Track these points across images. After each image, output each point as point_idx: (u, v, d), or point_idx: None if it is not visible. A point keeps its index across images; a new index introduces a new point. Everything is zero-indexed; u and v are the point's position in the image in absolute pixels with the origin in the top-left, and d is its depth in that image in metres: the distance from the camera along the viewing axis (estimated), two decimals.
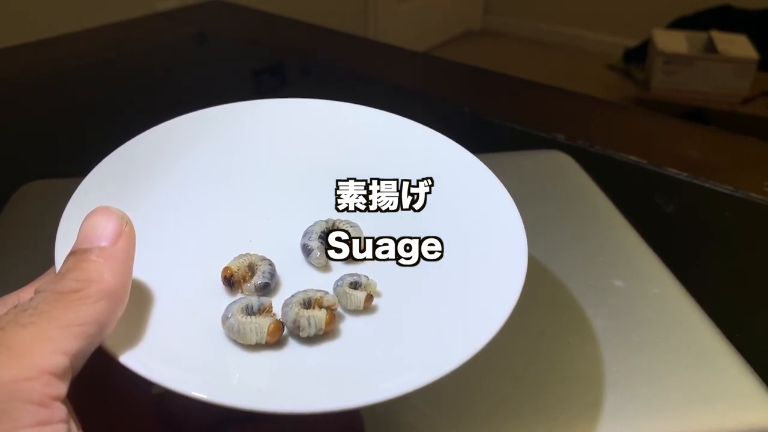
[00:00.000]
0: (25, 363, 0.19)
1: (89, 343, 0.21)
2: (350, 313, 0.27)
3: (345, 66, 0.94)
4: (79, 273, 0.22)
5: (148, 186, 0.31)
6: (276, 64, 0.92)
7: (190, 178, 0.32)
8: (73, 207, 0.27)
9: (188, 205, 0.31)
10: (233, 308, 0.25)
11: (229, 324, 0.25)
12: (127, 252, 0.23)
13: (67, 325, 0.20)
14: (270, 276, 0.27)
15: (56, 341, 0.20)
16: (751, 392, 0.36)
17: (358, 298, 0.27)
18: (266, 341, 0.25)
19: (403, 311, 0.27)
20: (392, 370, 0.24)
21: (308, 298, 0.26)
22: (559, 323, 0.39)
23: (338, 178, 0.31)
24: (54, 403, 0.19)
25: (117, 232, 0.23)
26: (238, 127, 0.34)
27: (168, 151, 0.32)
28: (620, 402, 0.35)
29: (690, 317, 0.41)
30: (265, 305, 0.26)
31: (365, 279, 0.27)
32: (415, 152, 0.34)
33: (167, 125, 0.33)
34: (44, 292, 0.21)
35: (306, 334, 0.25)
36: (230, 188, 0.32)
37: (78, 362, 0.21)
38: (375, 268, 0.29)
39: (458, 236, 0.30)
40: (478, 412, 0.34)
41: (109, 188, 0.29)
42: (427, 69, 0.99)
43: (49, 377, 0.19)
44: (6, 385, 0.19)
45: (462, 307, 0.26)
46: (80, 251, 0.23)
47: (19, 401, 0.19)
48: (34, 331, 0.20)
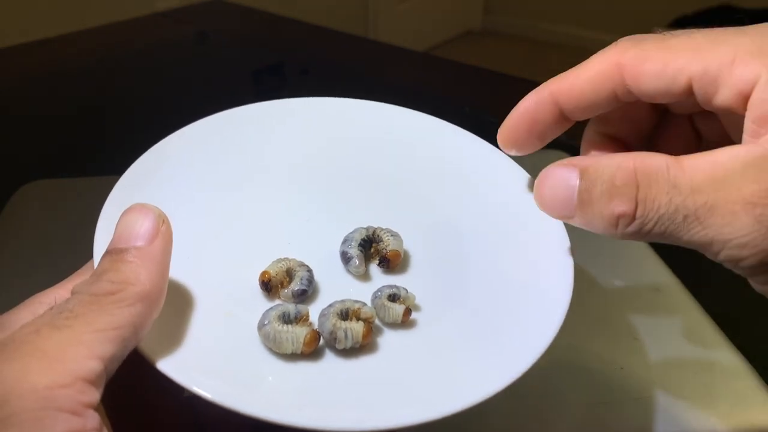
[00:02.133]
0: (59, 369, 0.19)
1: (124, 347, 0.21)
2: (388, 326, 0.26)
3: (345, 66, 0.94)
4: (114, 274, 0.21)
5: (187, 185, 0.30)
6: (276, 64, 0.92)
7: (229, 178, 0.31)
8: (112, 204, 0.27)
9: (225, 205, 0.30)
10: (270, 315, 0.24)
11: (265, 331, 0.24)
12: (164, 252, 0.23)
13: (102, 329, 0.20)
14: (308, 283, 0.27)
15: (91, 346, 0.20)
16: (751, 392, 0.36)
17: (396, 312, 0.25)
18: (302, 351, 0.24)
19: (443, 327, 0.26)
20: (430, 390, 0.23)
21: (346, 309, 0.25)
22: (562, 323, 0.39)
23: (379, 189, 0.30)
24: (87, 411, 0.19)
25: (154, 231, 0.23)
26: (280, 126, 0.33)
27: (206, 149, 0.31)
28: (620, 402, 0.35)
29: (690, 317, 0.41)
30: (302, 314, 0.25)
31: (404, 292, 0.26)
32: (460, 159, 0.32)
33: (202, 123, 0.32)
34: (80, 294, 0.21)
35: (342, 346, 0.24)
36: (270, 189, 0.31)
37: (112, 366, 0.20)
38: (415, 279, 0.28)
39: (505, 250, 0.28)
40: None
41: (147, 186, 0.28)
42: (427, 69, 0.99)
43: (83, 384, 0.19)
44: (40, 392, 0.18)
45: (505, 326, 0.25)
46: (116, 251, 0.22)
47: (52, 409, 0.18)
48: (69, 335, 0.20)
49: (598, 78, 0.24)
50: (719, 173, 0.20)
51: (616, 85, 0.23)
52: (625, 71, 0.23)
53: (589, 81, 0.24)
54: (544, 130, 0.26)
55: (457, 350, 0.25)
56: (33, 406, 0.18)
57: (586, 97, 0.24)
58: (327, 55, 0.98)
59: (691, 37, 0.22)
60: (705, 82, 0.21)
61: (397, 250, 0.28)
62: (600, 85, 0.24)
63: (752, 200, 0.19)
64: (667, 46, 0.22)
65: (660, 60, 0.22)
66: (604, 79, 0.24)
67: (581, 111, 0.25)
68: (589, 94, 0.24)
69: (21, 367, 0.19)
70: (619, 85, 0.23)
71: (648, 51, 0.22)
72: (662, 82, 0.22)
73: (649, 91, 0.23)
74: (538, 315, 0.25)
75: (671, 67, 0.22)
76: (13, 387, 0.18)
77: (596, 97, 0.24)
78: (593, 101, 0.24)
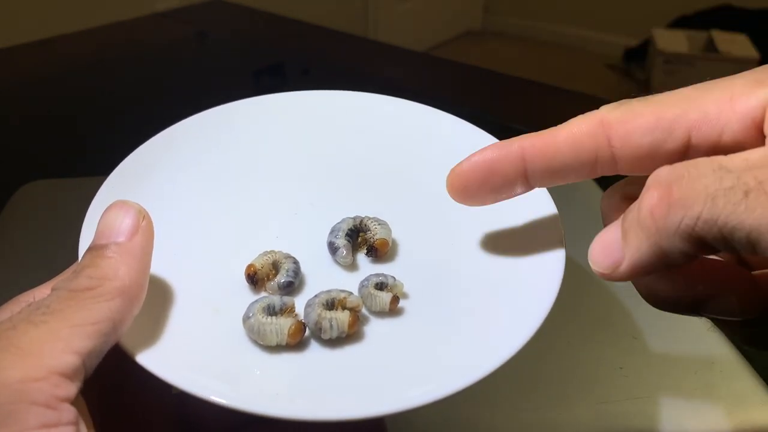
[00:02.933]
0: (33, 363, 0.19)
1: (103, 342, 0.21)
2: (375, 315, 0.26)
3: (345, 66, 0.94)
4: (93, 270, 0.22)
5: (173, 181, 0.30)
6: (276, 64, 0.92)
7: (216, 173, 0.31)
8: (98, 203, 0.27)
9: (214, 200, 0.30)
10: (254, 307, 0.24)
11: (249, 324, 0.24)
12: (144, 247, 0.23)
13: (79, 324, 0.20)
14: (294, 275, 0.27)
15: (67, 340, 0.20)
16: (751, 392, 0.36)
17: (383, 300, 0.25)
18: (287, 343, 0.24)
19: (431, 314, 0.26)
20: (417, 376, 0.23)
21: (331, 299, 0.25)
22: (561, 323, 0.39)
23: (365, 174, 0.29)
24: (62, 405, 0.19)
25: (134, 227, 0.23)
26: (264, 121, 0.33)
27: (192, 146, 0.32)
28: (621, 402, 0.35)
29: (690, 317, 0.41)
30: (287, 305, 0.25)
31: (392, 280, 0.26)
32: (445, 143, 0.32)
33: (191, 120, 0.32)
34: (59, 290, 0.21)
35: (328, 336, 0.24)
36: (257, 183, 0.32)
37: (91, 362, 0.20)
38: (403, 268, 0.28)
39: (493, 236, 0.28)
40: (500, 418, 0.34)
41: (134, 184, 0.29)
42: (427, 69, 0.99)
43: (58, 378, 0.19)
44: (13, 386, 0.18)
45: (492, 312, 0.25)
46: (97, 247, 0.22)
47: (25, 402, 0.18)
48: (45, 330, 0.20)
49: (578, 137, 0.21)
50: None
51: (599, 146, 0.21)
52: (612, 129, 0.21)
53: (568, 140, 0.22)
54: (500, 186, 0.24)
55: (444, 337, 0.25)
56: (5, 399, 0.18)
57: (560, 159, 0.22)
58: (327, 55, 0.98)
59: (679, 91, 0.21)
60: (707, 128, 0.20)
61: (385, 239, 0.28)
62: (580, 146, 0.22)
63: None
64: (656, 102, 0.21)
65: (652, 114, 0.20)
66: (586, 138, 0.21)
67: (549, 174, 0.23)
68: (565, 155, 0.22)
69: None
70: (603, 146, 0.21)
71: (636, 108, 0.21)
72: (655, 137, 0.20)
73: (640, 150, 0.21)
74: (527, 302, 0.25)
75: (666, 119, 0.20)
76: None
77: (573, 159, 0.22)
78: (568, 164, 0.22)
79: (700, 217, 0.17)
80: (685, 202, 0.17)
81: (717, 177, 0.17)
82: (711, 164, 0.18)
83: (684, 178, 0.18)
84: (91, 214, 0.26)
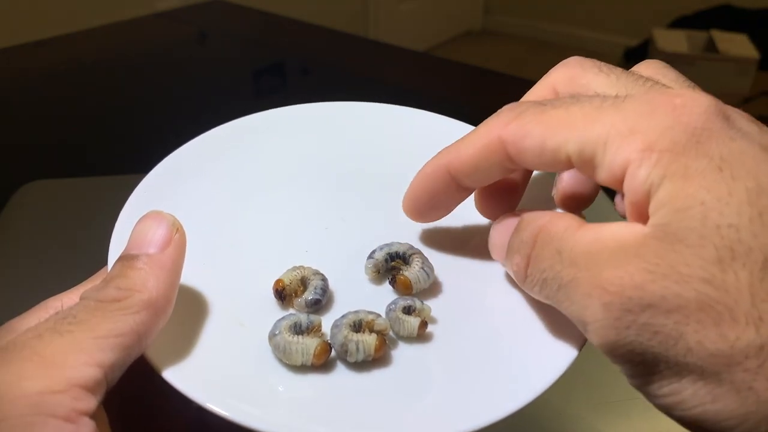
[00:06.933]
0: (54, 374, 0.19)
1: (126, 355, 0.20)
2: (403, 339, 0.25)
3: (345, 66, 0.94)
4: (122, 281, 0.21)
5: (205, 191, 0.30)
6: (276, 64, 0.92)
7: (249, 185, 0.31)
8: (129, 209, 0.27)
9: (245, 213, 0.30)
10: (281, 325, 0.24)
11: (275, 342, 0.24)
12: (175, 260, 0.22)
13: (103, 336, 0.20)
14: (322, 292, 0.26)
15: (90, 352, 0.19)
16: None
17: (411, 325, 0.25)
18: (312, 363, 0.23)
19: (460, 341, 0.25)
20: (442, 406, 0.23)
21: (359, 320, 0.24)
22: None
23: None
24: (81, 418, 0.19)
25: (167, 239, 0.22)
26: (299, 133, 0.33)
27: (225, 156, 0.31)
28: (620, 402, 0.35)
29: None
30: (314, 324, 0.24)
31: (419, 304, 0.25)
32: None
33: (219, 130, 0.32)
34: (87, 300, 0.21)
35: (354, 359, 0.23)
36: (289, 196, 0.31)
37: (114, 374, 0.20)
38: (431, 290, 0.27)
39: None
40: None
41: (164, 193, 0.28)
42: (427, 69, 0.99)
43: (79, 390, 0.19)
44: (32, 397, 0.18)
45: (524, 342, 0.24)
46: (128, 257, 0.22)
47: (44, 415, 0.18)
48: (69, 340, 0.19)
49: (484, 152, 0.23)
50: (594, 249, 0.19)
51: (502, 158, 0.23)
52: (508, 146, 0.22)
53: (477, 154, 0.23)
54: (445, 200, 0.26)
55: (474, 365, 0.24)
56: (23, 411, 0.18)
57: (476, 169, 0.24)
58: (327, 55, 0.98)
59: (569, 110, 0.21)
60: (583, 162, 0.20)
61: (409, 281, 0.27)
62: (487, 158, 0.23)
63: (604, 285, 0.18)
64: (546, 120, 0.21)
65: (538, 136, 0.21)
66: (490, 153, 0.23)
67: (475, 181, 0.25)
68: (478, 166, 0.24)
69: (16, 371, 0.19)
70: (505, 159, 0.23)
71: (527, 125, 0.22)
72: (544, 159, 0.21)
73: (534, 167, 0.22)
74: (560, 330, 0.24)
75: (549, 146, 0.21)
76: (5, 391, 0.18)
77: (486, 168, 0.23)
78: (484, 172, 0.24)
79: (540, 293, 0.22)
80: (532, 279, 0.22)
81: (550, 264, 0.21)
82: (554, 249, 0.21)
83: (537, 259, 0.22)
84: (121, 223, 0.26)
